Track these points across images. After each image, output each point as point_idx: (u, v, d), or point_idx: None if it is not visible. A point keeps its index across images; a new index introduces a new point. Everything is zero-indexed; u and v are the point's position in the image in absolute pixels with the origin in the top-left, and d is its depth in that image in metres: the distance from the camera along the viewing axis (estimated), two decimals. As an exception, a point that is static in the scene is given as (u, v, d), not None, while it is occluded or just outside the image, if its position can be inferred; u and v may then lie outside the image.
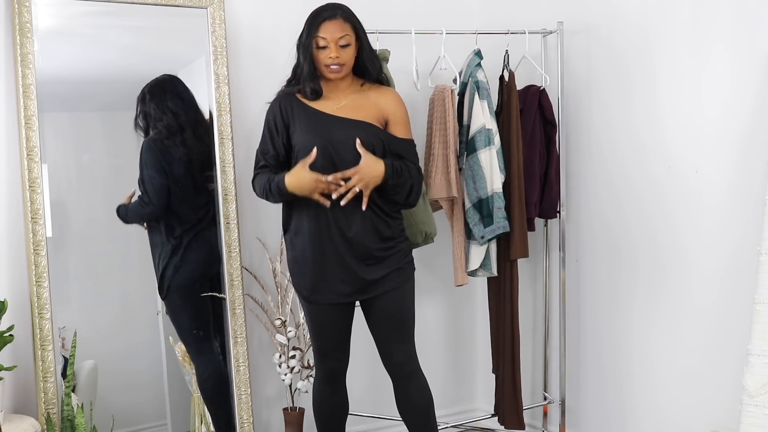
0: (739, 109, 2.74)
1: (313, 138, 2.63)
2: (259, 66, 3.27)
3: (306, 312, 2.78)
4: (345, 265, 2.65)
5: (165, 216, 3.07)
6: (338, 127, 2.64)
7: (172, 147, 3.06)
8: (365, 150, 2.60)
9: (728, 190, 2.79)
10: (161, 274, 3.07)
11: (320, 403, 2.86)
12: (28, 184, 2.79)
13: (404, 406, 2.81)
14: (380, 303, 2.71)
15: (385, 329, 2.74)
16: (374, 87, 2.74)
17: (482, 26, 3.39)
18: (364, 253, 2.66)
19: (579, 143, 3.36)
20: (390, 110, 2.71)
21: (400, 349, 2.75)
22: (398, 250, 2.72)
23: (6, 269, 2.81)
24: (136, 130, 3.06)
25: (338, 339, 2.78)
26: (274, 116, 2.72)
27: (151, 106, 3.05)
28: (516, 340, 3.25)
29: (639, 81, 3.09)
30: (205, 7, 3.10)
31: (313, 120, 2.67)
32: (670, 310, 3.01)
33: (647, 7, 3.03)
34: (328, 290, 2.68)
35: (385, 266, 2.69)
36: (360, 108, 2.69)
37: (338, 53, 2.61)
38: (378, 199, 2.66)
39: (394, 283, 2.71)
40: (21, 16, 2.78)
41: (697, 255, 2.90)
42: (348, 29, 2.62)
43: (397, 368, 2.77)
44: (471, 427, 3.56)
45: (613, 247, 3.24)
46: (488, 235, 3.06)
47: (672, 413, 3.04)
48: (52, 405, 2.78)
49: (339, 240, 2.64)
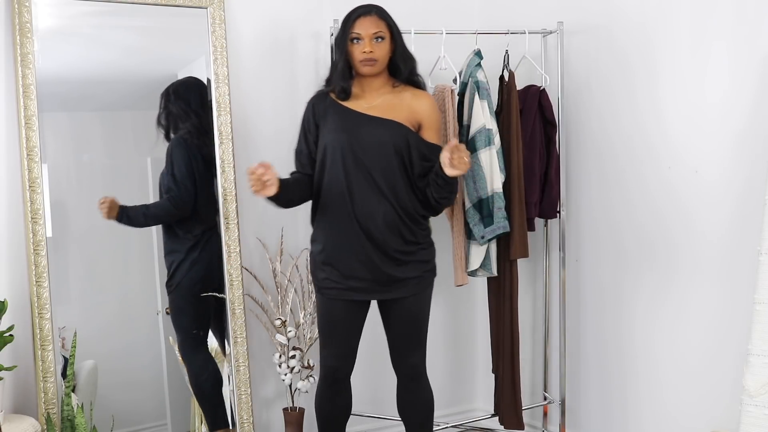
0: (738, 109, 2.74)
1: (340, 135, 2.66)
2: (259, 66, 3.27)
3: (319, 305, 2.79)
4: (368, 262, 2.67)
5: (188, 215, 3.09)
6: (367, 126, 2.67)
7: (200, 147, 3.09)
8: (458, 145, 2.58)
9: (728, 190, 2.79)
10: (174, 270, 3.09)
11: (321, 403, 2.86)
12: (28, 184, 2.79)
13: (408, 406, 2.84)
14: (400, 307, 2.74)
15: (402, 333, 2.78)
16: (409, 89, 2.76)
17: (482, 26, 3.39)
18: (387, 252, 2.68)
19: (579, 143, 3.36)
20: (425, 115, 2.73)
21: (414, 352, 2.80)
22: (420, 257, 2.74)
23: (6, 269, 2.81)
24: (158, 128, 3.07)
25: (346, 337, 2.78)
26: (307, 115, 2.77)
27: (177, 105, 3.07)
28: (515, 340, 3.25)
29: (639, 81, 3.09)
30: (205, 7, 3.10)
31: (342, 117, 2.70)
32: (670, 310, 3.01)
33: (647, 7, 3.03)
34: (347, 286, 2.70)
35: (407, 269, 2.71)
36: (392, 108, 2.71)
37: (372, 47, 2.64)
38: (406, 203, 2.68)
39: (415, 288, 2.74)
40: (21, 16, 2.78)
41: (697, 255, 2.90)
42: (382, 26, 2.67)
43: (409, 370, 2.82)
44: (471, 427, 3.56)
45: (613, 246, 3.24)
46: (488, 235, 3.06)
47: (672, 413, 3.04)
48: (52, 405, 2.78)
49: (363, 238, 2.66)
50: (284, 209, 2.78)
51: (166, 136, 3.08)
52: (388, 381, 2.91)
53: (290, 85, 3.32)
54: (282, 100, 3.31)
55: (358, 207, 2.65)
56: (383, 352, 2.88)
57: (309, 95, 2.84)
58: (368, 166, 2.64)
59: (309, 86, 3.30)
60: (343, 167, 2.66)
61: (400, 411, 2.89)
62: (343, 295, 2.71)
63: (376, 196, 2.65)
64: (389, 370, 2.87)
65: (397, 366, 2.84)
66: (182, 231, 3.10)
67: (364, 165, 2.65)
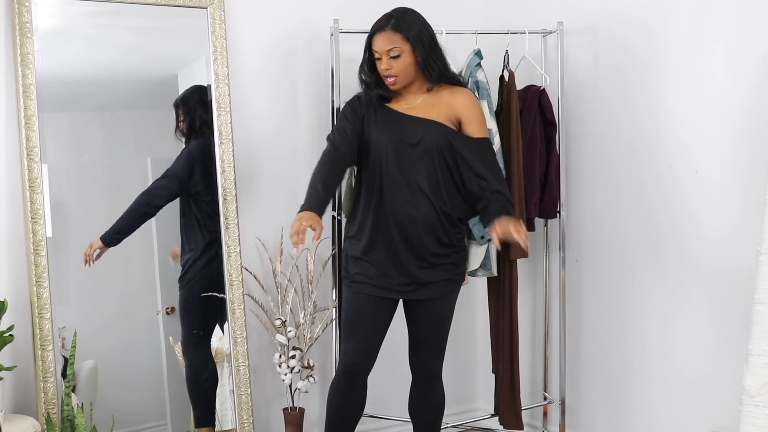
0: (738, 109, 2.74)
1: (383, 135, 2.67)
2: (259, 66, 3.27)
3: (346, 298, 2.77)
4: (399, 263, 2.67)
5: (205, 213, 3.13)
6: (409, 125, 2.67)
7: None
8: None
9: (728, 190, 2.79)
10: (189, 266, 3.12)
11: (334, 400, 2.78)
12: (28, 184, 2.79)
13: (420, 406, 2.86)
14: (425, 308, 2.75)
15: (426, 334, 2.79)
16: (446, 87, 2.75)
17: (482, 26, 3.39)
18: (420, 255, 2.68)
19: (579, 143, 3.36)
20: (463, 109, 2.72)
21: (434, 354, 2.81)
22: (452, 261, 2.75)
23: (6, 269, 2.81)
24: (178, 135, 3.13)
25: (370, 332, 2.74)
26: (353, 104, 2.76)
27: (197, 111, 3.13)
28: (515, 341, 3.25)
29: (639, 81, 3.09)
30: (205, 7, 3.10)
31: (386, 117, 2.71)
32: (670, 310, 3.01)
33: (647, 7, 3.03)
34: (377, 283, 2.69)
35: (438, 272, 2.72)
36: (431, 107, 2.70)
37: (389, 65, 2.64)
38: (446, 205, 2.67)
39: (442, 291, 2.75)
40: (21, 16, 2.78)
41: (697, 255, 2.90)
42: (397, 40, 2.62)
43: (425, 372, 2.83)
44: (471, 427, 3.56)
45: (613, 246, 3.24)
46: (488, 235, 3.06)
47: (672, 413, 3.04)
48: (52, 405, 2.78)
49: (399, 238, 2.66)
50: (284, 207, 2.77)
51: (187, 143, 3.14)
52: (392, 381, 2.92)
53: (290, 85, 3.32)
54: (282, 100, 3.31)
55: (398, 207, 2.65)
56: (389, 353, 2.88)
57: (309, 95, 2.84)
58: (409, 166, 2.65)
59: (309, 86, 3.32)
60: (386, 167, 2.66)
61: (411, 411, 2.89)
62: (374, 291, 2.70)
63: (416, 196, 2.65)
64: (394, 371, 2.87)
65: (415, 367, 2.84)
66: (201, 225, 3.11)
67: (406, 165, 2.65)
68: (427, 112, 2.69)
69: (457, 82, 2.76)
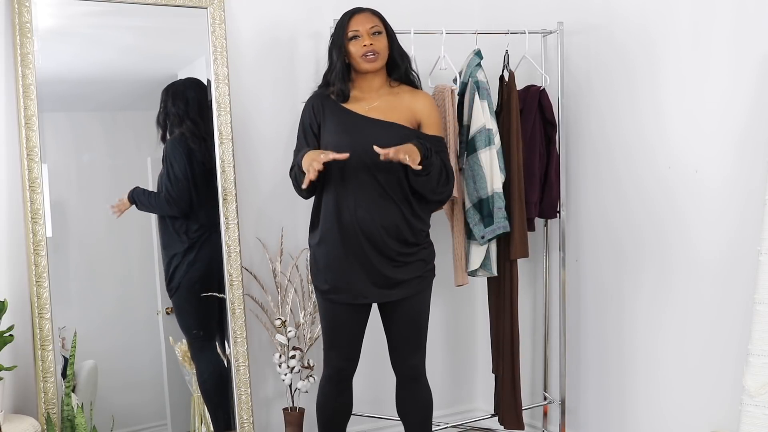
0: (738, 109, 2.74)
1: (342, 138, 2.66)
2: (259, 66, 3.27)
3: (322, 309, 2.79)
4: (368, 265, 2.67)
5: (184, 215, 3.09)
6: (369, 128, 2.67)
7: (195, 150, 3.10)
8: (385, 150, 2.54)
9: (728, 190, 2.79)
10: (172, 272, 3.10)
11: (324, 402, 2.85)
12: (28, 184, 2.79)
13: (407, 406, 2.84)
14: (400, 308, 2.75)
15: (403, 334, 2.78)
16: (407, 89, 2.77)
17: (482, 26, 3.39)
18: (387, 255, 2.68)
19: (579, 143, 3.36)
20: (424, 113, 2.74)
21: (414, 353, 2.80)
22: (420, 257, 2.75)
23: (6, 269, 2.81)
24: (157, 127, 3.08)
25: (350, 340, 2.78)
26: (307, 116, 2.77)
27: (175, 107, 3.08)
28: (515, 341, 3.25)
29: (639, 81, 3.09)
30: (205, 7, 3.10)
31: (344, 120, 2.70)
32: (670, 310, 3.02)
33: (647, 7, 3.03)
34: (348, 290, 2.70)
35: (407, 271, 2.72)
36: (392, 109, 2.71)
37: (371, 40, 2.66)
38: (410, 195, 2.68)
39: (415, 289, 2.74)
40: (21, 16, 2.78)
41: (697, 255, 2.90)
42: (377, 21, 2.70)
43: (408, 370, 2.82)
44: (471, 427, 3.56)
45: (613, 246, 3.24)
46: (488, 235, 3.06)
47: (672, 413, 3.04)
48: (52, 405, 2.78)
49: (364, 241, 2.65)
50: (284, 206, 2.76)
51: (162, 137, 3.08)
52: (388, 381, 2.91)
53: (290, 85, 3.32)
54: (282, 100, 3.31)
55: (360, 210, 2.65)
56: (383, 353, 2.88)
57: (309, 95, 2.84)
58: (372, 168, 2.64)
59: (309, 86, 3.30)
60: (345, 170, 2.65)
61: (399, 411, 2.89)
62: (344, 299, 2.71)
63: (380, 198, 2.65)
64: (389, 371, 2.87)
65: (397, 367, 2.84)
66: (179, 232, 3.10)
67: (368, 167, 2.64)
68: (388, 114, 2.70)
69: (415, 84, 2.80)
